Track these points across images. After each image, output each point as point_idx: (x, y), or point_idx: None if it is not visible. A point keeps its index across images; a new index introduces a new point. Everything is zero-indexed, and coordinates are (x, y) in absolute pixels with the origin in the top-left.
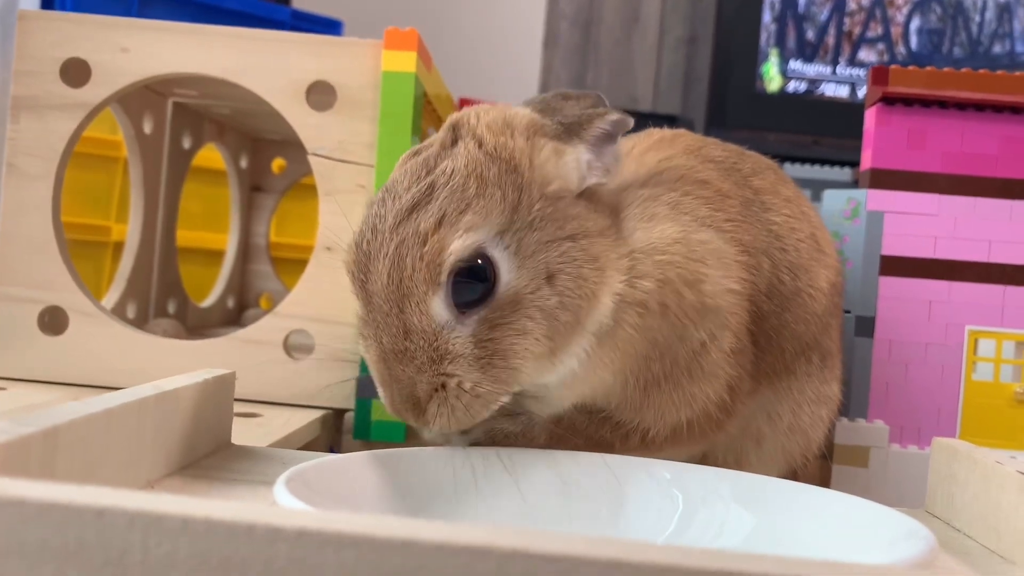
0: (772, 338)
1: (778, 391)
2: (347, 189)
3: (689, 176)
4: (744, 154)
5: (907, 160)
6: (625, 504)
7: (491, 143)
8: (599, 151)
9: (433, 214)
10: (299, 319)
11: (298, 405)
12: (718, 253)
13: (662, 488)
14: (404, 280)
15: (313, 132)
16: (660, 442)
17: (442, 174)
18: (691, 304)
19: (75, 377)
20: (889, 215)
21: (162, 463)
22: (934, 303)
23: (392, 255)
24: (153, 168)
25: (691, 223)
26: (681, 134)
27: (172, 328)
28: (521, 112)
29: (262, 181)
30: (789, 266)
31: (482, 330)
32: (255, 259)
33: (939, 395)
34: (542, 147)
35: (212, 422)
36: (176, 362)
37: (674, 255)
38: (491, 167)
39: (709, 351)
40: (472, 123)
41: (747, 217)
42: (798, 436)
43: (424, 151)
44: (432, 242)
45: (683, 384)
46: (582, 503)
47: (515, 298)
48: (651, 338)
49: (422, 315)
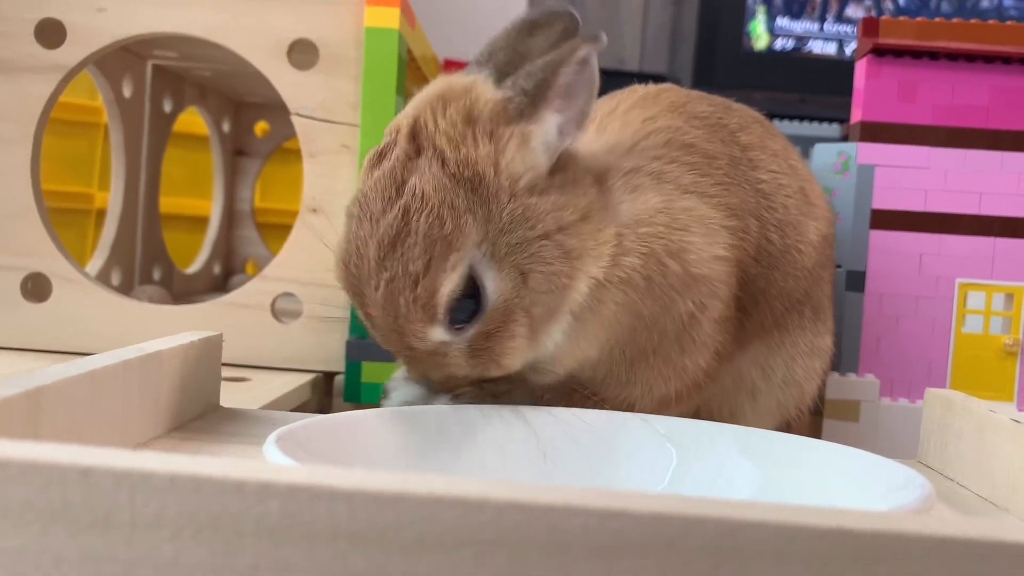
0: (760, 298)
1: (771, 345)
2: (331, 150)
3: (674, 140)
4: (730, 108)
5: (898, 113)
6: (615, 456)
7: (452, 160)
8: (570, 95)
9: (419, 255)
10: (286, 282)
11: (287, 369)
12: (703, 220)
13: (655, 441)
14: (399, 317)
15: (295, 92)
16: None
17: (413, 197)
18: (676, 275)
19: (60, 344)
20: (880, 168)
21: (149, 426)
22: (925, 256)
23: (384, 291)
24: (134, 133)
25: (674, 192)
26: (666, 89)
27: (157, 295)
28: (483, 97)
29: (245, 145)
30: (777, 224)
31: (477, 340)
32: (240, 225)
33: (929, 348)
34: (506, 141)
35: (199, 385)
36: (162, 328)
37: (657, 225)
38: (458, 192)
39: (699, 321)
40: (431, 130)
41: (734, 178)
42: (792, 389)
43: (387, 154)
44: (423, 285)
45: (672, 357)
46: (568, 457)
47: (504, 306)
48: (636, 312)
49: (421, 340)
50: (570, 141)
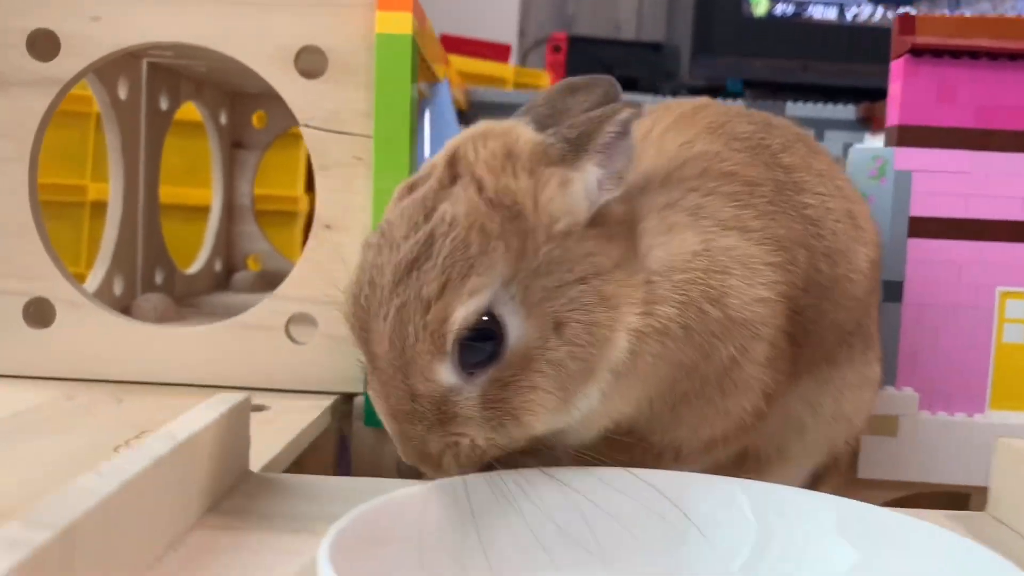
0: (811, 331)
1: (819, 380)
2: (344, 162)
3: (712, 169)
4: (771, 126)
5: (937, 115)
6: (689, 527)
7: (491, 187)
8: (610, 155)
9: (435, 277)
10: (300, 301)
11: (302, 391)
12: (744, 260)
13: (731, 508)
14: (407, 348)
15: (303, 101)
16: (695, 457)
17: (441, 222)
18: (716, 321)
19: (65, 371)
20: (918, 174)
21: (182, 517)
22: (964, 265)
23: (393, 319)
24: (131, 135)
25: (713, 228)
26: (703, 107)
27: (162, 303)
28: (523, 137)
29: (243, 137)
30: (827, 252)
31: (491, 390)
32: (240, 219)
33: (969, 359)
34: (547, 181)
35: (230, 457)
36: (171, 351)
37: (695, 271)
38: (493, 217)
39: (741, 365)
40: (471, 159)
41: (780, 205)
42: (841, 424)
43: (420, 185)
44: (436, 310)
45: (715, 400)
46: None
47: (524, 353)
48: (675, 361)
49: (427, 382)
50: (607, 198)
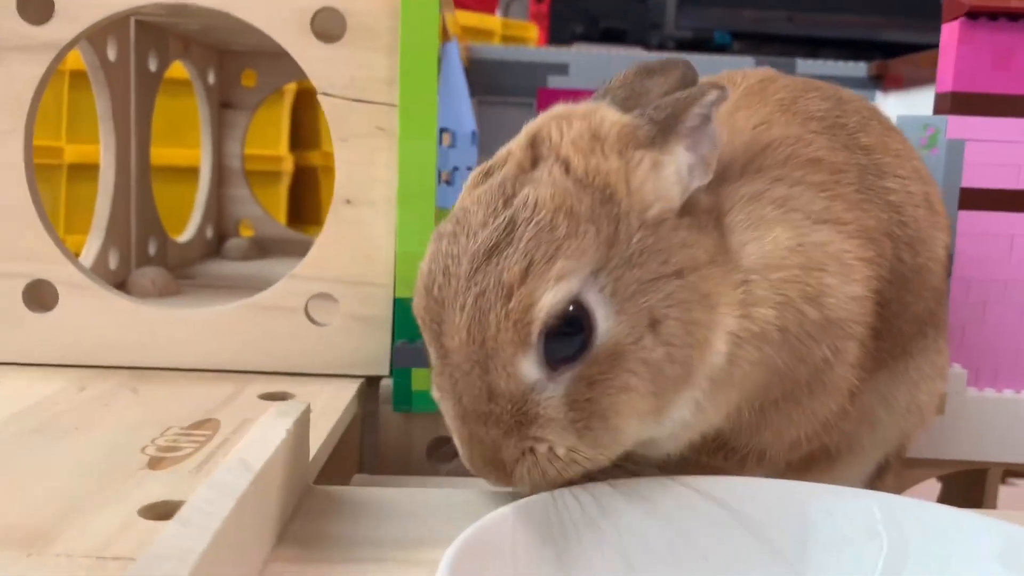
0: (892, 324)
1: (895, 374)
2: (364, 133)
3: (796, 155)
4: (843, 100)
5: (991, 82)
6: (811, 542)
7: (580, 167)
8: (696, 141)
9: (517, 260)
10: (320, 281)
11: (325, 375)
12: (839, 256)
13: (862, 523)
14: (487, 340)
15: (322, 68)
16: (778, 460)
17: (524, 207)
18: (813, 321)
19: (73, 358)
20: (971, 143)
21: (259, 552)
22: (1016, 237)
23: (471, 309)
24: (121, 98)
25: (804, 222)
26: (768, 79)
27: (161, 277)
28: (609, 118)
29: (232, 96)
30: (909, 241)
31: (577, 389)
32: (230, 183)
33: (1017, 335)
34: (638, 163)
35: (296, 475)
36: (185, 335)
37: (791, 268)
38: (582, 198)
39: (833, 367)
40: (555, 139)
41: (865, 194)
42: (914, 414)
43: (496, 171)
44: (519, 296)
45: (803, 402)
46: (761, 539)
47: (615, 350)
48: (771, 366)
49: (509, 378)
50: (698, 184)
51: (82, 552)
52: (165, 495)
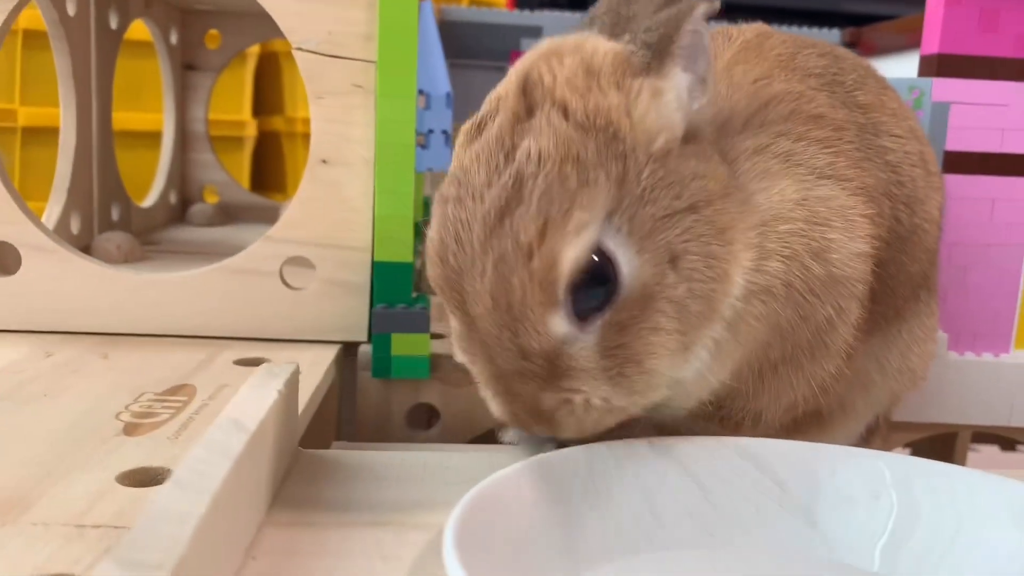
0: (887, 286)
1: (888, 336)
2: (341, 90)
3: (799, 111)
4: (839, 57)
5: (978, 44)
6: (821, 501)
7: (579, 110)
8: (692, 59)
9: (532, 219)
10: (296, 244)
11: (302, 341)
12: (843, 211)
13: (871, 483)
14: (514, 304)
15: (297, 22)
16: (773, 423)
17: (528, 160)
18: (818, 278)
19: (35, 323)
20: (955, 106)
21: (255, 516)
22: (998, 201)
23: (492, 275)
24: (82, 57)
25: (808, 177)
26: (764, 34)
27: (126, 242)
28: (600, 48)
29: (195, 58)
30: (907, 201)
31: (609, 335)
32: (194, 147)
33: (997, 299)
34: (637, 94)
35: (286, 437)
36: (155, 299)
37: (796, 221)
38: (587, 144)
39: (836, 326)
40: (548, 82)
41: (865, 152)
42: (906, 376)
43: (489, 123)
44: (540, 255)
45: (803, 364)
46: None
47: (641, 292)
48: (774, 323)
49: (539, 336)
50: (697, 107)
51: (60, 520)
52: (143, 461)
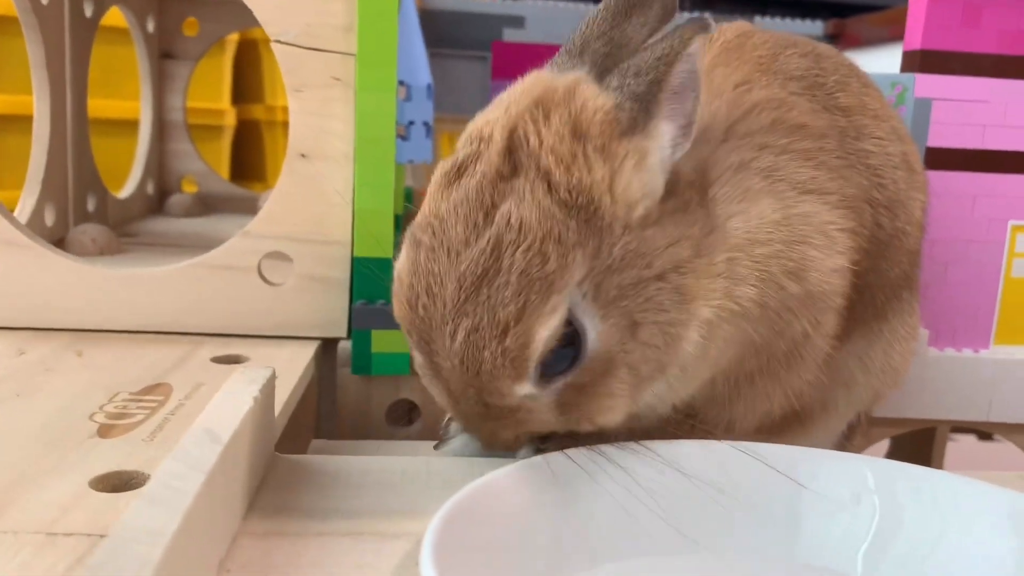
0: (865, 292)
1: (870, 337)
2: (319, 83)
3: (781, 121)
4: (821, 57)
5: (960, 40)
6: (803, 507)
7: (563, 184)
8: (680, 99)
9: (511, 299)
10: (274, 239)
11: (280, 337)
12: (823, 228)
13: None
14: (483, 373)
15: (274, 14)
16: (748, 429)
17: (508, 228)
18: (794, 296)
19: (7, 319)
20: (938, 102)
21: (229, 527)
22: (978, 197)
23: (464, 343)
24: (55, 45)
25: (790, 193)
26: (745, 34)
27: (101, 235)
28: (589, 104)
29: (173, 46)
30: (888, 205)
31: (567, 394)
32: (172, 137)
33: (977, 295)
34: (621, 163)
35: (262, 444)
36: (130, 295)
37: (775, 243)
38: (569, 224)
39: (811, 338)
40: (534, 146)
41: (846, 159)
42: (888, 375)
43: (469, 169)
44: (515, 335)
45: (779, 375)
46: (751, 505)
47: (603, 356)
48: (747, 341)
49: (503, 397)
50: (680, 154)
51: (31, 528)
52: (118, 465)
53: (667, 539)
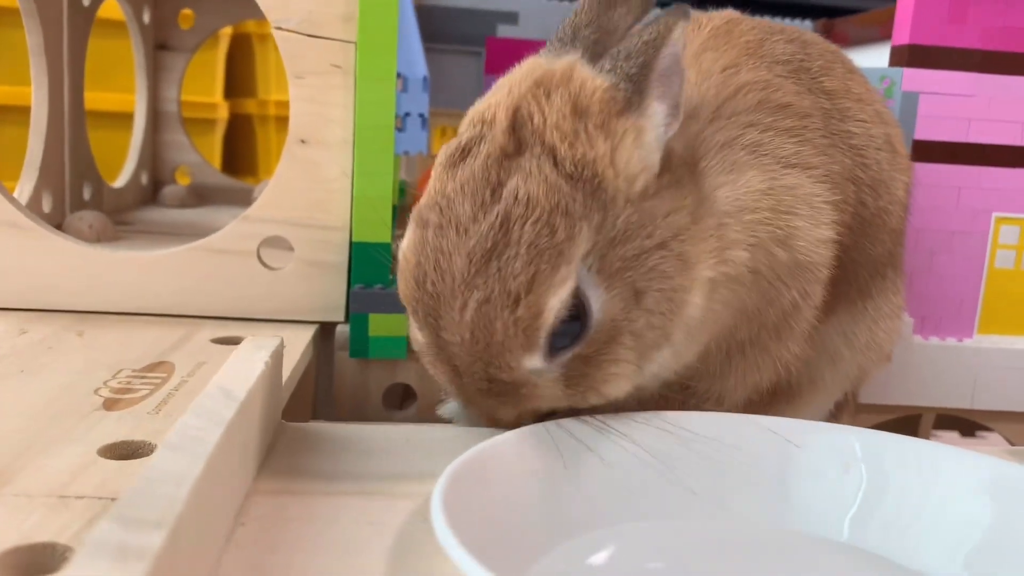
0: (850, 268)
1: (854, 313)
2: (320, 70)
3: (767, 101)
4: (807, 43)
5: (946, 35)
6: (791, 475)
7: (568, 159)
8: (668, 82)
9: (522, 269)
10: (273, 223)
11: (278, 321)
12: (808, 199)
13: (841, 456)
14: (493, 344)
15: (276, 1)
16: (738, 402)
17: (516, 203)
18: (783, 264)
19: (8, 300)
20: (924, 96)
21: (242, 484)
22: (963, 189)
23: (475, 314)
24: (54, 33)
25: (774, 166)
26: (733, 21)
27: (98, 221)
28: (588, 84)
29: (168, 38)
30: (871, 184)
31: (574, 366)
32: (166, 128)
33: (961, 285)
34: (621, 139)
35: (271, 408)
36: (131, 278)
37: (762, 211)
38: (575, 196)
39: (800, 309)
40: (538, 123)
41: (831, 139)
42: (873, 351)
43: (474, 150)
44: (527, 304)
45: (769, 347)
46: (743, 473)
47: (608, 327)
48: (740, 307)
49: (511, 371)
50: (672, 132)
51: (43, 491)
52: (125, 435)
53: (658, 507)
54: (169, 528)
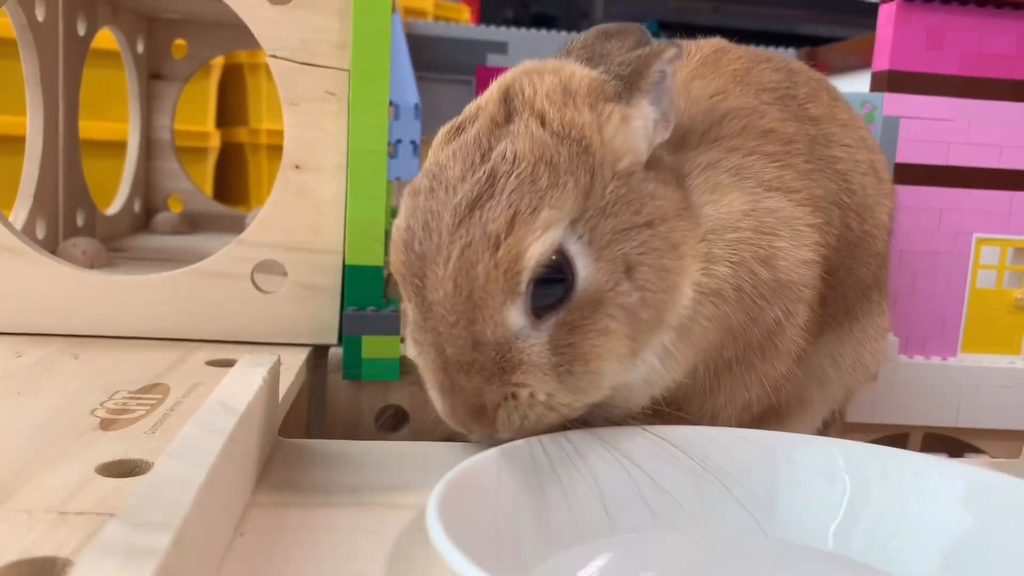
0: (837, 289)
1: (841, 334)
2: (314, 97)
3: (751, 126)
4: (793, 71)
5: (925, 62)
6: (777, 488)
7: (556, 120)
8: (658, 97)
9: (503, 211)
10: (267, 248)
11: (272, 343)
12: (789, 221)
13: (825, 468)
14: (475, 291)
15: (271, 29)
16: (729, 422)
17: (503, 160)
18: (765, 283)
19: (5, 324)
20: (905, 120)
21: (241, 496)
22: (944, 211)
23: (457, 261)
24: (50, 62)
25: (757, 189)
26: (721, 50)
27: (92, 247)
28: (578, 73)
29: (162, 67)
30: (856, 209)
31: (560, 334)
32: (159, 156)
33: (945, 304)
34: (609, 116)
35: (269, 423)
36: (125, 302)
37: (744, 231)
38: (560, 150)
39: (784, 328)
40: (528, 94)
41: (814, 163)
42: (859, 372)
43: (468, 127)
44: (507, 246)
45: (756, 365)
46: (731, 485)
47: (595, 296)
48: (726, 325)
49: (496, 326)
50: (660, 139)
51: (43, 508)
52: (122, 454)
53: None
54: (175, 530)
